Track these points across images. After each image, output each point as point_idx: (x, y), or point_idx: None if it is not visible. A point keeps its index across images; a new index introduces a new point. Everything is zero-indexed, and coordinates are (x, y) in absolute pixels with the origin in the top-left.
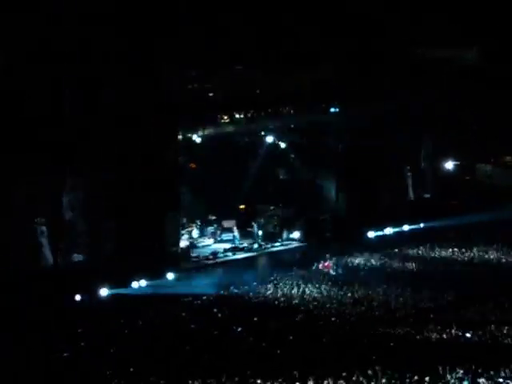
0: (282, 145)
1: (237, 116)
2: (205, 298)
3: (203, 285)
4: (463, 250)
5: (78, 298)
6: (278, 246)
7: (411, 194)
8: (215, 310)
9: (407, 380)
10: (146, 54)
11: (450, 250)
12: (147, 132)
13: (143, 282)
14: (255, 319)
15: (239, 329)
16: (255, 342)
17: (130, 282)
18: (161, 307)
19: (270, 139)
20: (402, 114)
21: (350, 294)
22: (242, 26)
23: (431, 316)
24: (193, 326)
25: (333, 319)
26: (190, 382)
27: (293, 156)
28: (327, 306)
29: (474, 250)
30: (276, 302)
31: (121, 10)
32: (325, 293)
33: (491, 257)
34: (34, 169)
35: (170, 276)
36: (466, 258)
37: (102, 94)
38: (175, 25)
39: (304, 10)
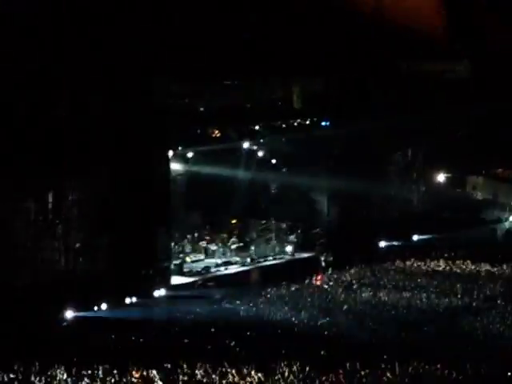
0: (274, 159)
1: (227, 130)
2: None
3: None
4: (453, 263)
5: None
6: (270, 260)
7: (403, 207)
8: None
9: None
10: (135, 67)
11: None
12: (137, 147)
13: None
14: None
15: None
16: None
17: (120, 300)
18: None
19: (261, 153)
20: (393, 127)
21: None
22: (232, 38)
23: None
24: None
25: None
26: None
27: (284, 170)
28: None
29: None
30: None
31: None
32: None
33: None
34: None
35: (160, 293)
36: (456, 271)
37: (90, 106)
38: (164, 39)
39: (293, 23)
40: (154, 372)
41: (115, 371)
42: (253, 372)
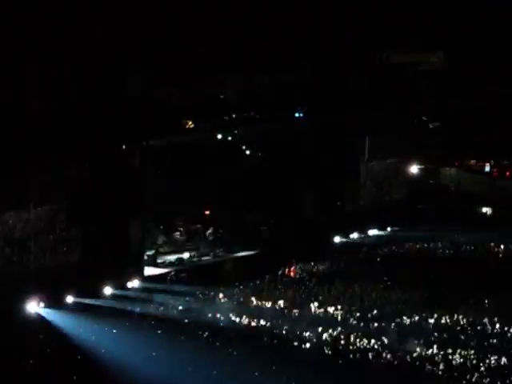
0: (247, 150)
1: (201, 122)
2: None
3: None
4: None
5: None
6: (242, 252)
7: (377, 198)
8: None
9: None
10: (110, 57)
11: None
12: (111, 138)
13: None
14: None
15: None
16: None
17: (95, 291)
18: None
19: (234, 144)
20: (368, 118)
21: None
22: (210, 29)
23: None
24: None
25: None
26: None
27: (257, 161)
28: None
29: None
30: None
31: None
32: None
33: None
34: None
35: (134, 284)
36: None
37: (63, 97)
38: (139, 29)
39: (273, 16)
40: None
41: None
42: None
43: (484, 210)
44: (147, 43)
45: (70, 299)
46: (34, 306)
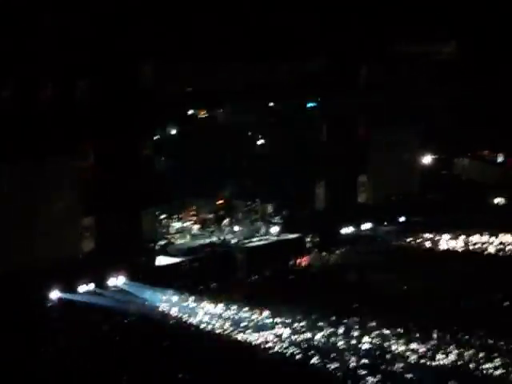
0: (261, 141)
1: (214, 111)
2: None
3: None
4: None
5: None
6: (255, 242)
7: (389, 189)
8: None
9: None
10: (122, 48)
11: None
12: (124, 127)
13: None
14: None
15: None
16: None
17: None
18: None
19: (248, 134)
20: (381, 108)
21: None
22: (223, 18)
23: None
24: None
25: None
26: None
27: (272, 151)
28: None
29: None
30: None
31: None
32: None
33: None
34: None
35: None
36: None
37: (77, 87)
38: (151, 18)
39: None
40: None
41: None
42: None
43: (496, 200)
44: (159, 32)
45: (84, 288)
46: (55, 294)
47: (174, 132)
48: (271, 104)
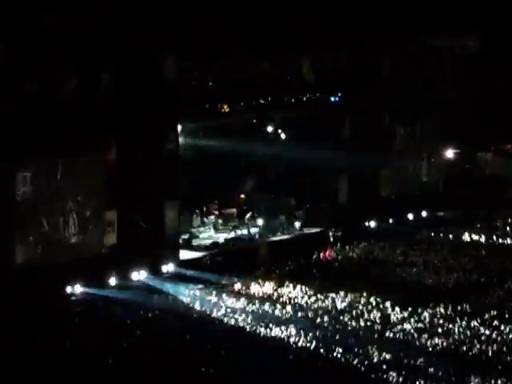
0: (283, 134)
1: (237, 105)
2: None
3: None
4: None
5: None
6: (278, 236)
7: (412, 183)
8: None
9: None
10: (145, 42)
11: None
12: (147, 121)
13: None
14: None
15: None
16: None
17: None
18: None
19: (270, 129)
20: (403, 102)
21: None
22: (242, 13)
23: None
24: None
25: None
26: None
27: (293, 145)
28: None
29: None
30: None
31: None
32: None
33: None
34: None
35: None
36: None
37: (100, 80)
38: (174, 13)
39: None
40: None
41: None
42: None
43: None
44: (183, 26)
45: (107, 282)
46: (77, 288)
47: (196, 126)
48: (294, 98)
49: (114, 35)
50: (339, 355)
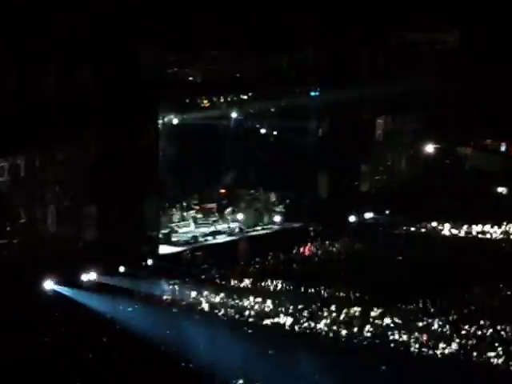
0: (263, 129)
1: (216, 99)
2: None
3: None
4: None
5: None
6: (258, 230)
7: (392, 178)
8: None
9: None
10: (124, 35)
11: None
12: (126, 115)
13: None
14: None
15: None
16: None
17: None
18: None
19: (250, 123)
20: (381, 97)
21: None
22: (222, 8)
23: None
24: None
25: None
26: None
27: (273, 140)
28: None
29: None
30: None
31: None
32: None
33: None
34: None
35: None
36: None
37: (79, 74)
38: (154, 7)
39: None
40: None
41: None
42: None
43: (499, 189)
44: (161, 18)
45: (84, 278)
46: (51, 284)
47: (176, 121)
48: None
49: (92, 30)
50: None
